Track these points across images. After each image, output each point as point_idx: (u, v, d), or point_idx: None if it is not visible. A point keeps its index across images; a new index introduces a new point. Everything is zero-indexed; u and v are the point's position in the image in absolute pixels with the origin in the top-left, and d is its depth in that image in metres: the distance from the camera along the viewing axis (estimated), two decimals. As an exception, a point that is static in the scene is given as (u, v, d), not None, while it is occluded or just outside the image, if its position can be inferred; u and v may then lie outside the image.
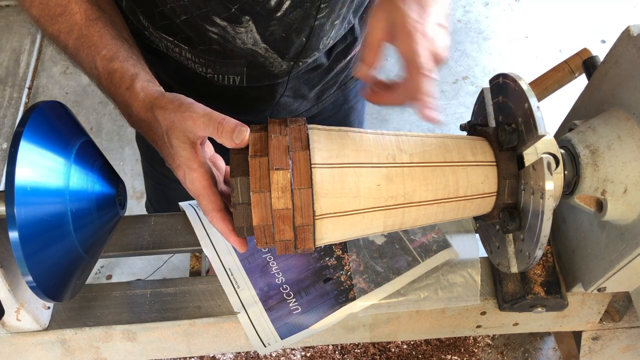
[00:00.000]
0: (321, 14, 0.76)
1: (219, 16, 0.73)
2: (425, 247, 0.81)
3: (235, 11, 0.72)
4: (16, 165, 0.52)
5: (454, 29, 2.46)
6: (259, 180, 0.55)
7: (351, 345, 1.44)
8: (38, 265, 0.54)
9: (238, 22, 0.74)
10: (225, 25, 0.74)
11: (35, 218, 0.54)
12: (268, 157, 0.56)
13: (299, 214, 0.56)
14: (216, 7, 0.71)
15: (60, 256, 0.59)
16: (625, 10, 2.51)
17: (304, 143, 0.57)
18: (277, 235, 0.57)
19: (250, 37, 0.76)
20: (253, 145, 0.57)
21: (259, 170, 0.55)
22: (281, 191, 0.55)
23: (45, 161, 0.56)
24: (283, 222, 0.56)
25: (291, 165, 0.55)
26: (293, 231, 0.57)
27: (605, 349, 0.89)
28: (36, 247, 0.54)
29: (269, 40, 0.77)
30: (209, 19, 0.73)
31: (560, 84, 0.83)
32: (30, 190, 0.53)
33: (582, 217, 0.72)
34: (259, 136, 0.57)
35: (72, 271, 0.62)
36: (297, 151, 0.56)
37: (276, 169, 0.55)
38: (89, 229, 0.62)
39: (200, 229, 0.83)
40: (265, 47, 0.78)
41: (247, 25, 0.74)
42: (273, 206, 0.55)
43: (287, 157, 0.55)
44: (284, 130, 0.57)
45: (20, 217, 0.52)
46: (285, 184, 0.55)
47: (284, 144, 0.56)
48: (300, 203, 0.56)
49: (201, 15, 0.73)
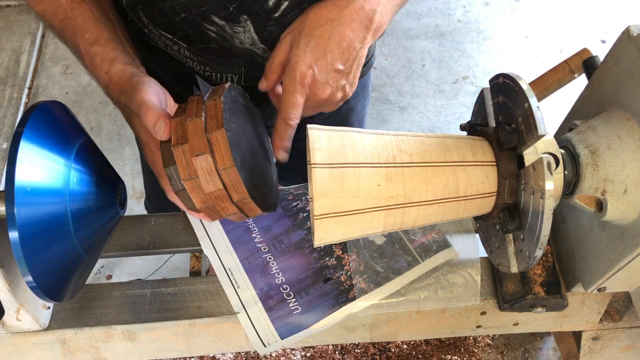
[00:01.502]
0: None
1: (217, 15, 0.73)
2: (425, 247, 0.81)
3: (233, 10, 0.72)
4: (16, 165, 0.52)
5: (454, 29, 2.47)
6: (186, 168, 0.56)
7: (351, 345, 1.44)
8: (38, 265, 0.54)
9: (236, 22, 0.74)
10: (224, 24, 0.74)
11: (35, 218, 0.54)
12: (189, 145, 0.55)
13: (233, 191, 0.57)
14: (215, 5, 0.72)
15: (60, 256, 0.59)
16: (625, 10, 2.51)
17: (219, 120, 0.56)
18: (222, 212, 0.58)
19: (248, 37, 0.76)
20: (175, 133, 0.57)
21: (184, 158, 0.56)
22: (208, 175, 0.55)
23: (45, 161, 0.56)
24: (222, 200, 0.57)
25: (210, 147, 0.55)
26: (235, 205, 0.58)
27: (605, 349, 0.89)
28: (36, 247, 0.54)
29: (267, 40, 0.77)
30: (208, 17, 0.74)
31: (560, 84, 0.83)
32: (30, 190, 0.53)
33: (582, 217, 0.72)
34: (178, 122, 0.57)
35: (72, 271, 0.62)
36: (213, 131, 0.55)
37: (196, 155, 0.55)
38: (89, 229, 0.62)
39: (200, 229, 0.83)
40: (263, 48, 0.78)
41: (245, 24, 0.74)
42: (205, 190, 0.56)
43: (205, 140, 0.55)
44: (199, 110, 0.57)
45: (20, 217, 0.52)
46: (209, 167, 0.55)
47: (200, 127, 0.56)
48: (230, 181, 0.56)
49: (200, 14, 0.73)
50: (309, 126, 0.59)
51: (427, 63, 2.34)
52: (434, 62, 2.35)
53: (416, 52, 2.37)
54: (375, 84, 2.27)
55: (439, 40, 2.43)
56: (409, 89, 2.26)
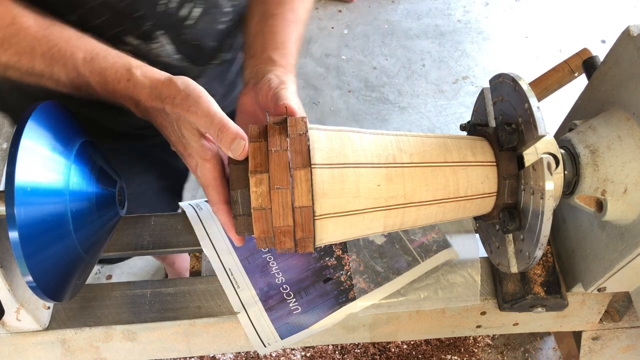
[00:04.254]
0: (227, 17, 0.78)
1: (132, 34, 0.71)
2: (425, 247, 0.81)
3: (149, 27, 0.71)
4: (16, 165, 0.52)
5: (454, 29, 2.47)
6: (259, 197, 0.55)
7: (351, 345, 1.44)
8: (38, 265, 0.54)
9: (151, 39, 0.73)
10: (139, 43, 0.73)
11: (35, 218, 0.54)
12: (269, 174, 0.54)
13: (299, 229, 0.56)
14: (130, 25, 0.70)
15: (60, 256, 0.59)
16: (625, 10, 2.51)
17: (305, 157, 0.55)
18: (278, 245, 0.58)
19: (164, 50, 0.75)
20: (253, 159, 0.55)
21: (259, 187, 0.55)
22: (282, 209, 0.55)
23: (45, 161, 0.56)
24: (284, 235, 0.56)
25: (292, 183, 0.55)
26: (294, 242, 0.57)
27: (605, 349, 0.89)
28: (36, 247, 0.54)
29: (182, 49, 0.77)
30: (121, 39, 0.71)
31: (560, 84, 0.84)
32: (30, 190, 0.53)
33: (582, 217, 0.72)
34: (258, 147, 0.56)
35: (72, 271, 0.62)
36: (298, 169, 0.55)
37: (277, 188, 0.54)
38: (89, 228, 0.62)
39: (200, 229, 0.83)
40: (179, 58, 0.78)
41: (160, 40, 0.74)
42: (274, 223, 0.55)
43: (288, 175, 0.54)
44: (284, 143, 0.56)
45: (20, 217, 0.52)
46: (286, 202, 0.54)
47: (285, 160, 0.55)
48: (302, 219, 0.55)
49: (113, 36, 0.70)
50: (309, 126, 0.59)
51: (427, 63, 2.34)
52: (434, 62, 2.35)
53: (416, 52, 2.37)
54: (375, 84, 2.27)
55: (439, 40, 2.43)
56: (409, 89, 2.26)
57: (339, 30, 2.47)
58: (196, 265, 0.89)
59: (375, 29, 2.46)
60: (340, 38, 2.44)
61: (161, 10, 0.70)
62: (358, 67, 2.32)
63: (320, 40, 2.43)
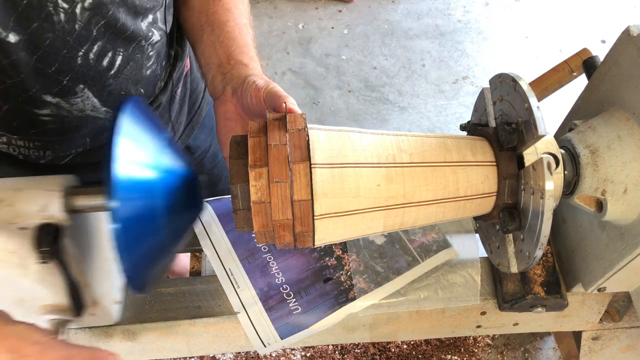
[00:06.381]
0: (150, 60, 0.75)
1: (49, 93, 0.66)
2: (425, 247, 0.81)
3: (68, 83, 0.66)
4: (115, 161, 0.51)
5: (454, 29, 2.47)
6: (259, 191, 0.55)
7: (351, 345, 1.44)
8: (133, 259, 0.54)
9: (72, 94, 0.68)
10: (59, 100, 0.68)
11: (134, 212, 0.53)
12: (268, 168, 0.55)
13: (298, 223, 0.56)
14: (46, 83, 0.65)
15: (152, 250, 0.58)
16: (625, 10, 2.51)
17: (303, 152, 0.56)
18: (277, 239, 0.58)
19: (88, 104, 0.71)
20: (252, 153, 0.56)
21: (259, 181, 0.55)
22: (281, 203, 0.55)
23: (140, 155, 0.55)
24: (283, 229, 0.57)
25: (291, 177, 0.55)
26: (293, 236, 0.58)
27: (605, 349, 0.89)
28: (132, 240, 0.53)
29: (108, 101, 0.72)
30: (39, 99, 0.66)
31: (560, 84, 0.84)
32: (129, 185, 0.52)
33: (582, 217, 0.72)
34: (257, 142, 0.57)
35: (159, 265, 0.62)
36: (297, 162, 0.55)
37: (276, 181, 0.55)
38: (176, 223, 0.61)
39: (200, 229, 0.83)
40: (105, 110, 0.74)
41: (82, 93, 0.69)
42: (273, 217, 0.56)
43: (287, 169, 0.55)
44: (283, 137, 0.56)
45: (122, 210, 0.51)
46: (285, 195, 0.55)
47: (284, 154, 0.55)
48: (300, 213, 0.56)
49: (29, 99, 0.66)
50: (310, 126, 0.59)
51: (427, 63, 2.34)
52: (434, 62, 2.35)
53: (416, 52, 2.37)
54: (375, 84, 2.27)
55: (439, 40, 2.43)
56: (409, 89, 2.26)
57: (339, 30, 2.47)
58: (196, 265, 0.89)
59: (375, 29, 2.46)
60: (340, 38, 2.44)
61: (79, 63, 0.65)
62: (358, 67, 2.32)
63: (320, 40, 2.43)
